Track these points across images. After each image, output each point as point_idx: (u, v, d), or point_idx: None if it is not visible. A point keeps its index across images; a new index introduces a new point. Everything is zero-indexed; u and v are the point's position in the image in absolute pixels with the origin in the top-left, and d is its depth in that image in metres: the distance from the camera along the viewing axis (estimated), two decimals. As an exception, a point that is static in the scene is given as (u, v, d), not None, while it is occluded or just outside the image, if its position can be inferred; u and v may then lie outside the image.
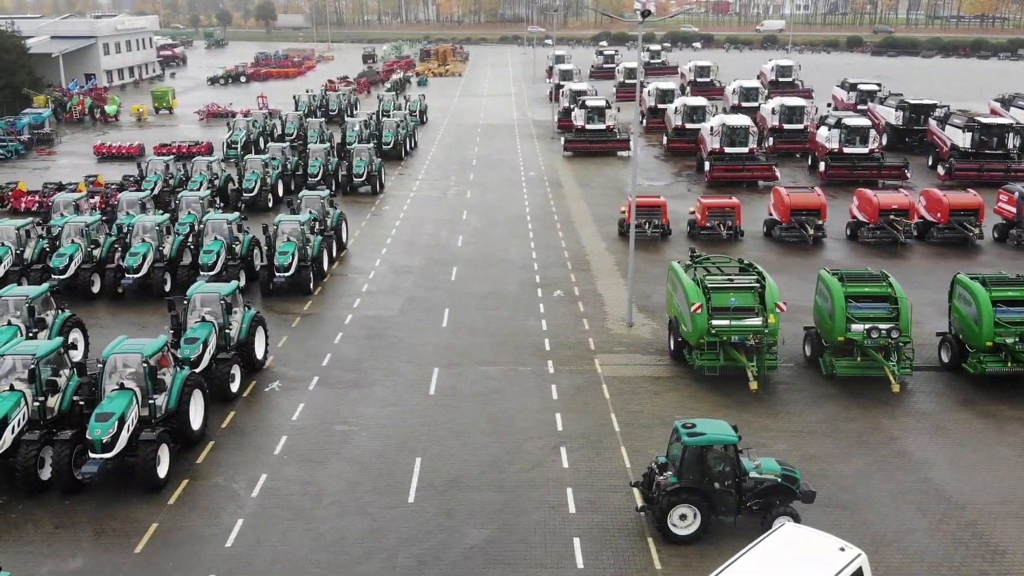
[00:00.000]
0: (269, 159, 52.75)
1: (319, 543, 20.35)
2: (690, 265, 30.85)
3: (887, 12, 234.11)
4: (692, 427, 20.13)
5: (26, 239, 37.85)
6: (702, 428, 20.15)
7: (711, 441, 19.91)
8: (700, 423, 20.43)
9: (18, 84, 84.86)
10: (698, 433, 19.93)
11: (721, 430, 20.22)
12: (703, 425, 20.33)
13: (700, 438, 19.85)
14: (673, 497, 19.77)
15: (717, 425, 20.51)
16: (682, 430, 20.07)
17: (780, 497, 20.30)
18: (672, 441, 20.65)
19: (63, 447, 21.95)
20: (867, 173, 55.04)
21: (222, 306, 28.30)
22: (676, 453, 20.26)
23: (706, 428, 20.20)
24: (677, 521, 19.91)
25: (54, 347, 24.19)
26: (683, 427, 20.17)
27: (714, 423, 20.68)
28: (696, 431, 19.99)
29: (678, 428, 20.27)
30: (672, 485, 19.82)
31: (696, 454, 19.85)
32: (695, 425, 20.22)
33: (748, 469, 20.38)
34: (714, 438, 19.94)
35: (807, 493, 20.57)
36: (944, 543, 20.24)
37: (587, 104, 68.29)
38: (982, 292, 27.68)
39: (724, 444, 20.00)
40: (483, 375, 29.12)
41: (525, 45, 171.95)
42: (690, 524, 19.92)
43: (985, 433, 25.21)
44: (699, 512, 19.83)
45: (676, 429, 20.36)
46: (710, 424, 20.53)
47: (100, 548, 20.23)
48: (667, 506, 19.78)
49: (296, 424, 25.93)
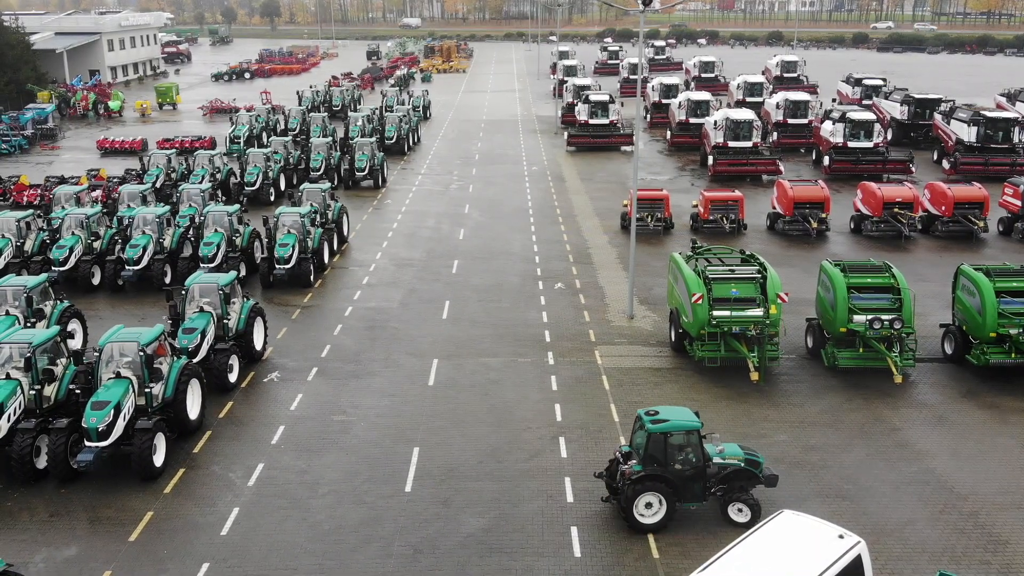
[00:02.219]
0: (271, 153, 52.68)
1: (315, 532, 20.22)
2: (691, 256, 30.68)
3: (893, 9, 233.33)
4: (655, 414, 19.98)
5: (27, 231, 37.79)
6: (665, 415, 20.00)
7: (674, 428, 19.72)
8: (663, 410, 20.28)
9: (22, 80, 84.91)
10: (661, 420, 19.77)
11: (684, 416, 20.08)
12: (666, 412, 20.19)
13: (663, 425, 19.67)
14: (638, 485, 19.51)
15: (680, 412, 20.37)
16: (645, 418, 19.91)
17: (743, 482, 20.26)
18: (635, 429, 20.44)
19: (59, 435, 21.84)
20: (871, 167, 54.78)
21: (220, 296, 28.18)
22: (640, 441, 20.05)
23: (669, 415, 20.05)
24: (643, 510, 19.69)
25: (50, 335, 24.09)
26: (646, 415, 20.01)
27: (677, 410, 20.52)
28: (659, 418, 19.83)
29: (641, 416, 20.10)
30: (637, 473, 19.57)
31: (660, 441, 19.68)
32: (658, 412, 20.07)
33: (712, 455, 20.25)
34: (677, 424, 19.76)
35: (770, 477, 20.55)
36: (945, 533, 20.04)
37: (591, 99, 68.09)
38: (986, 283, 27.44)
39: (687, 430, 19.81)
40: (483, 366, 28.96)
41: (529, 42, 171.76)
42: (656, 512, 19.71)
43: (988, 424, 24.99)
44: (664, 499, 19.63)
45: (639, 417, 20.19)
46: (673, 411, 20.37)
47: (95, 536, 20.12)
48: (633, 495, 19.53)
49: (294, 414, 25.81)
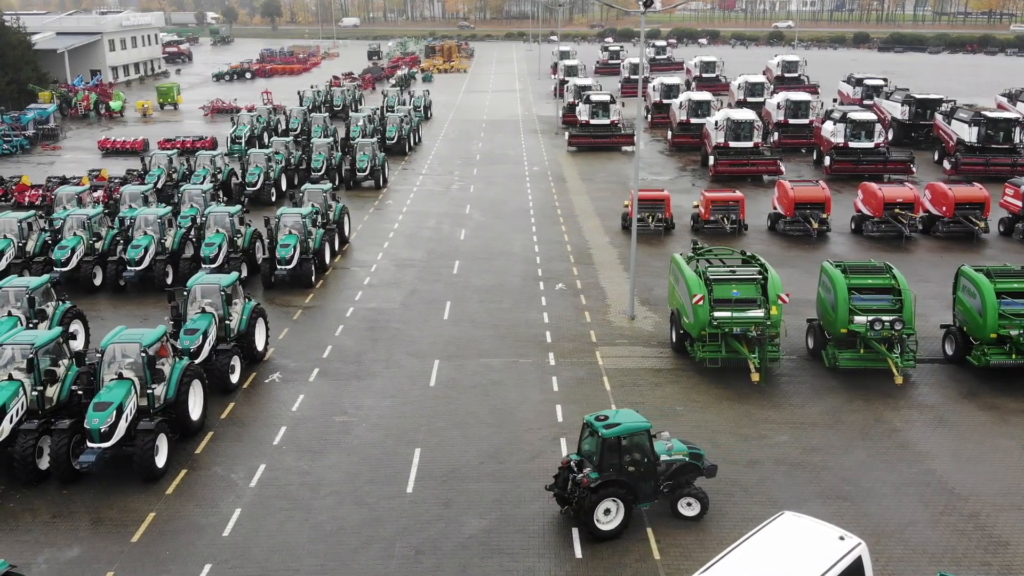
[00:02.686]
0: (272, 153, 52.74)
1: (317, 533, 20.27)
2: (692, 257, 30.71)
3: (894, 9, 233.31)
4: (605, 419, 19.84)
5: (28, 232, 37.85)
6: (615, 418, 19.92)
7: (627, 430, 19.65)
8: (611, 414, 20.20)
9: (23, 80, 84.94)
10: (613, 424, 19.65)
11: (633, 418, 20.11)
12: (615, 416, 20.13)
13: (616, 429, 19.55)
14: (597, 493, 19.28)
15: (627, 414, 20.36)
16: (596, 423, 19.75)
17: (688, 476, 20.49)
18: (584, 436, 20.24)
19: (61, 436, 21.89)
20: (872, 167, 54.80)
21: (222, 297, 28.22)
22: (591, 448, 19.90)
23: (619, 418, 20.00)
24: (601, 516, 19.48)
25: (53, 336, 24.14)
26: (596, 420, 19.87)
27: (624, 412, 20.50)
28: (611, 422, 19.71)
29: (591, 422, 19.93)
30: (595, 481, 19.31)
31: (614, 446, 19.54)
32: (608, 417, 19.98)
33: (661, 452, 20.32)
34: (629, 427, 19.71)
35: (710, 468, 20.88)
36: (946, 534, 20.07)
37: (591, 99, 68.13)
38: (986, 284, 27.47)
39: (639, 431, 19.82)
40: (484, 367, 29.01)
41: (530, 42, 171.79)
42: (613, 518, 19.59)
43: (988, 425, 25.02)
44: (622, 504, 19.53)
45: (588, 423, 20.02)
46: (621, 414, 20.34)
47: (97, 537, 20.16)
48: (592, 503, 19.28)
49: (296, 415, 25.85)
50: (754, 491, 21.68)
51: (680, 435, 24.31)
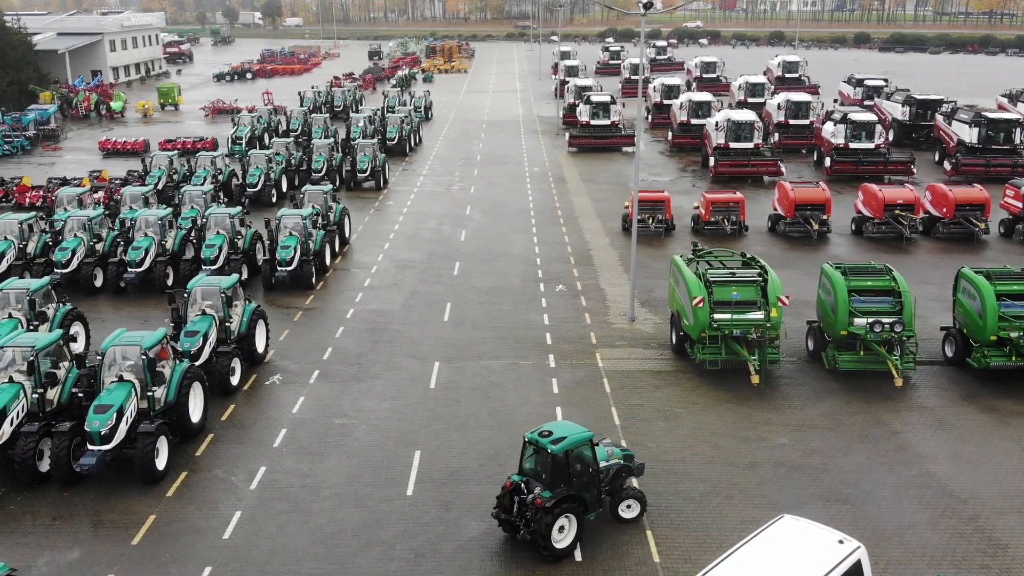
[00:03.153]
0: (273, 154, 52.78)
1: (317, 535, 20.30)
2: (692, 259, 30.72)
3: (895, 8, 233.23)
4: (549, 434, 19.17)
5: (29, 233, 37.89)
6: (558, 432, 19.30)
7: (574, 443, 19.07)
8: (552, 428, 19.54)
9: (24, 80, 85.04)
10: (559, 438, 19.02)
11: (575, 429, 19.55)
12: (556, 428, 19.50)
13: (564, 443, 18.92)
14: (553, 512, 18.68)
15: (568, 425, 19.84)
16: (541, 440, 19.03)
17: (622, 478, 20.48)
18: (528, 455, 19.49)
19: (62, 439, 21.91)
20: (873, 168, 54.81)
21: (223, 299, 28.24)
22: (535, 465, 19.29)
23: (561, 431, 19.39)
24: (556, 535, 18.93)
25: (53, 339, 24.17)
26: (540, 436, 19.15)
27: (563, 424, 19.96)
28: (556, 437, 19.07)
29: (535, 440, 19.18)
30: (549, 499, 18.65)
31: (563, 460, 18.89)
32: (551, 432, 19.27)
33: (602, 459, 20.15)
34: (575, 439, 19.13)
35: (639, 467, 21.00)
36: (946, 537, 20.08)
37: (592, 100, 68.13)
38: (986, 286, 27.47)
39: (584, 442, 19.33)
40: (484, 369, 29.02)
41: (531, 42, 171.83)
42: (567, 533, 19.14)
43: (988, 428, 25.02)
44: (575, 518, 19.15)
45: (532, 441, 19.27)
46: (561, 426, 19.76)
47: (98, 540, 20.19)
48: (549, 523, 18.65)
49: (296, 417, 25.88)
50: (754, 493, 21.70)
51: (681, 437, 24.46)
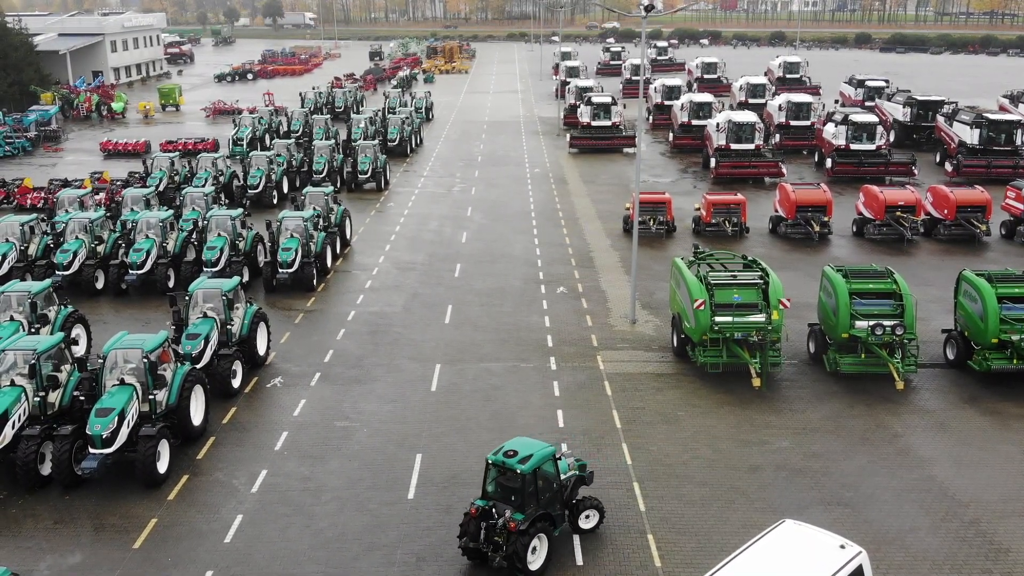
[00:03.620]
0: (274, 156, 52.78)
1: (318, 539, 20.30)
2: (693, 261, 30.72)
3: (896, 9, 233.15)
4: (514, 454, 18.50)
5: (30, 235, 37.92)
6: (522, 450, 18.67)
7: (540, 460, 18.61)
8: (515, 447, 18.79)
9: (25, 81, 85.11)
10: (527, 456, 18.44)
11: (537, 445, 19.03)
12: (518, 448, 18.80)
13: (532, 461, 18.39)
14: (528, 533, 18.21)
15: (528, 443, 19.20)
16: (509, 461, 18.36)
17: (576, 488, 20.11)
18: (492, 478, 18.73)
19: (63, 442, 21.92)
20: (874, 170, 54.79)
21: (224, 302, 28.25)
22: (499, 489, 18.68)
23: (525, 449, 18.75)
24: (531, 556, 18.43)
25: (55, 342, 24.17)
26: (505, 457, 18.45)
27: (523, 442, 19.24)
28: (523, 456, 18.46)
29: (501, 462, 18.47)
30: (523, 521, 18.17)
31: (532, 479, 18.42)
32: (515, 451, 18.59)
33: (564, 471, 19.72)
34: (541, 456, 18.65)
35: (590, 475, 20.59)
36: (947, 541, 20.07)
37: (593, 101, 68.13)
38: (988, 288, 27.46)
39: (549, 457, 18.90)
40: (485, 371, 29.03)
41: (532, 42, 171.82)
42: (540, 553, 18.72)
43: (989, 431, 25.01)
44: (545, 537, 18.79)
45: (497, 463, 18.54)
46: (522, 444, 19.07)
47: (99, 543, 20.21)
48: (525, 545, 18.15)
49: (297, 420, 25.89)
50: (755, 497, 21.69)
51: (682, 441, 24.47)
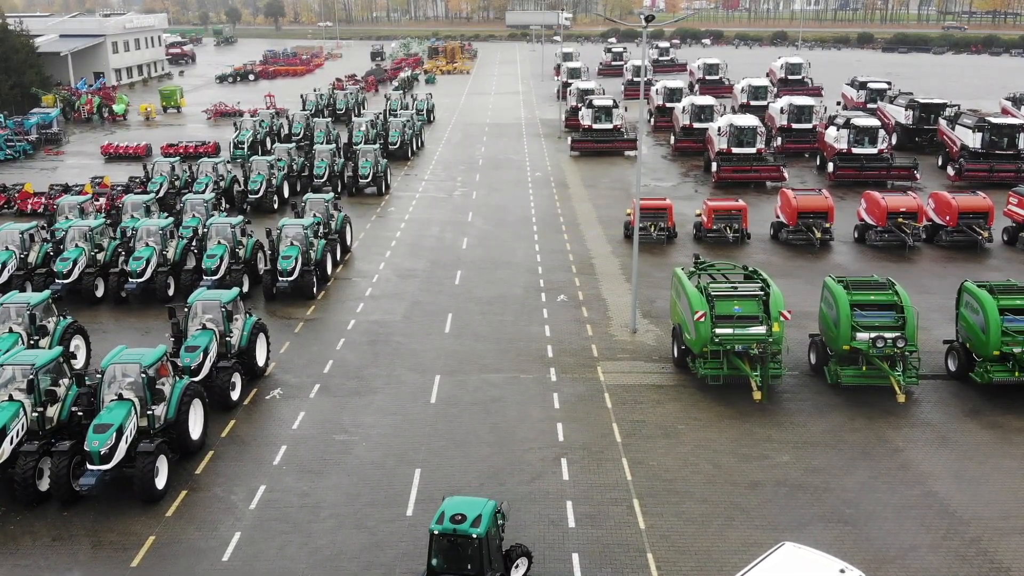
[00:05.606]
0: (275, 160, 52.70)
1: (316, 557, 20.22)
2: (694, 272, 30.62)
3: (898, 8, 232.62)
4: (462, 518, 17.23)
5: (30, 243, 37.85)
6: (470, 511, 17.45)
7: (490, 518, 17.52)
8: (452, 511, 17.51)
9: (27, 83, 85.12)
10: (476, 518, 17.27)
11: (478, 503, 17.83)
12: (461, 509, 17.55)
13: (484, 523, 17.25)
14: None
15: (466, 502, 17.99)
16: (463, 527, 17.08)
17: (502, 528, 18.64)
18: (440, 548, 17.25)
19: (61, 458, 21.85)
20: (876, 174, 54.65)
21: (223, 313, 28.18)
22: (443, 561, 17.27)
23: (468, 509, 17.55)
24: None
25: (53, 357, 24.10)
26: (453, 523, 17.16)
27: (459, 501, 18.02)
28: (473, 518, 17.26)
29: (452, 530, 17.12)
30: None
31: (488, 541, 17.34)
32: (463, 516, 17.30)
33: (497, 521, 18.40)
34: (489, 514, 17.54)
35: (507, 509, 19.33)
36: (948, 560, 19.95)
37: (594, 103, 68.02)
38: (989, 300, 27.33)
39: (494, 512, 17.92)
40: (485, 383, 28.94)
41: (534, 42, 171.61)
42: None
43: (991, 445, 24.88)
44: None
45: (447, 532, 17.15)
46: (461, 504, 17.82)
47: (97, 561, 20.13)
48: None
49: (296, 433, 25.81)
50: (755, 515, 21.58)
51: (682, 455, 24.36)
